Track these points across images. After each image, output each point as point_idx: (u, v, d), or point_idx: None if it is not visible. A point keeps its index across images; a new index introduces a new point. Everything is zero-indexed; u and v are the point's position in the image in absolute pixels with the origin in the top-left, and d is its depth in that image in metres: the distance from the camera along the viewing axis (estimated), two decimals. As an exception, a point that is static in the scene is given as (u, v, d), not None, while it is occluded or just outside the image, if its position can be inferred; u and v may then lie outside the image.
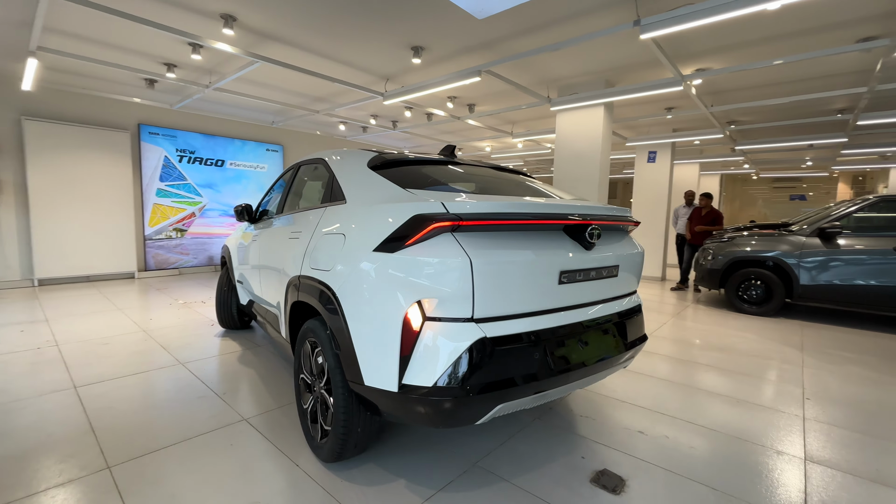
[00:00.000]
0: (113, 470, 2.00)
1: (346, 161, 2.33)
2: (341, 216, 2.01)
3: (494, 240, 1.62)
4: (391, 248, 1.61)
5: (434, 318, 1.53)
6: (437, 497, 1.85)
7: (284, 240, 2.57)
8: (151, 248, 7.65)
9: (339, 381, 1.81)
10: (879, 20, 3.78)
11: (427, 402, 1.51)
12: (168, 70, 5.41)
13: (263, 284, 3.00)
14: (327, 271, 1.90)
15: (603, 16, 3.81)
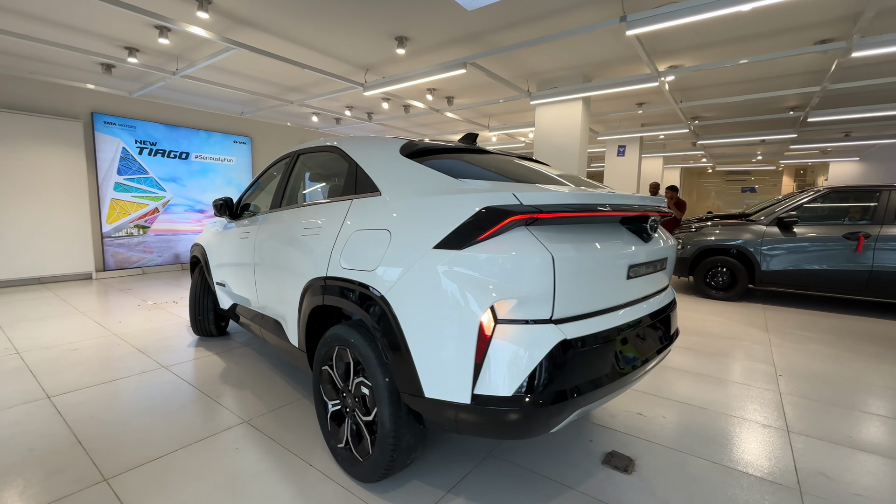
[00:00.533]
0: (111, 482, 1.88)
1: (372, 148, 2.10)
2: (379, 210, 1.79)
3: (567, 234, 1.50)
4: (457, 244, 1.45)
5: (509, 320, 1.39)
6: (458, 487, 1.87)
7: (294, 237, 2.30)
8: (110, 246, 7.15)
9: (385, 394, 1.63)
10: (836, 24, 4.09)
11: (504, 413, 1.39)
12: (130, 55, 5.03)
13: (260, 287, 2.68)
14: (369, 272, 1.70)
15: (589, 11, 3.89)
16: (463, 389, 1.42)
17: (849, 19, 3.95)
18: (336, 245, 1.92)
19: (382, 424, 1.65)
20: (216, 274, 3.43)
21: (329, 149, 2.40)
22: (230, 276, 3.15)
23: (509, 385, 1.37)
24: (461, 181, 1.66)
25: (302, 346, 2.20)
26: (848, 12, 3.82)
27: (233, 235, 3.11)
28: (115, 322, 4.39)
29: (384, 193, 1.82)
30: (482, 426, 1.45)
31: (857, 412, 2.64)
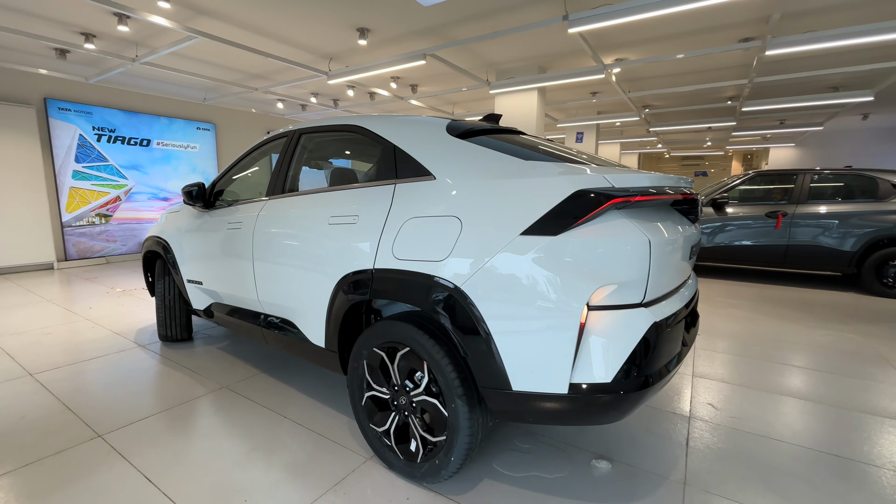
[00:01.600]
0: (106, 437, 2.12)
1: (412, 128, 1.92)
2: (439, 195, 1.64)
3: (648, 217, 1.48)
4: (551, 230, 1.37)
5: (605, 306, 1.36)
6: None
7: (317, 227, 2.06)
8: (71, 235, 7.04)
9: (459, 391, 1.54)
10: (755, 24, 4.58)
11: (601, 399, 1.37)
12: (86, 41, 4.98)
13: (263, 284, 2.39)
14: (436, 262, 1.57)
15: (537, 8, 4.21)
16: (559, 380, 1.39)
17: (762, 21, 4.44)
18: (384, 235, 1.75)
19: (456, 421, 1.57)
20: (187, 271, 3.05)
21: (348, 128, 2.16)
22: (210, 272, 2.82)
23: (608, 371, 1.36)
24: (530, 163, 1.54)
25: (332, 345, 2.01)
26: (761, 15, 4.30)
27: (212, 226, 2.78)
28: (86, 308, 4.48)
29: (440, 177, 1.68)
30: (574, 414, 1.43)
31: (755, 360, 3.16)
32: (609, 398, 1.37)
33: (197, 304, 3.08)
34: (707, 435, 2.17)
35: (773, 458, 1.97)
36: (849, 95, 6.59)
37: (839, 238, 5.33)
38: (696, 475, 1.85)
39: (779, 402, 2.53)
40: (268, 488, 1.75)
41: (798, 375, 2.89)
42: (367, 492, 1.74)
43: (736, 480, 1.82)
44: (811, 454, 2.01)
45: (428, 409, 1.70)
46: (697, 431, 2.21)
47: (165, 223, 3.33)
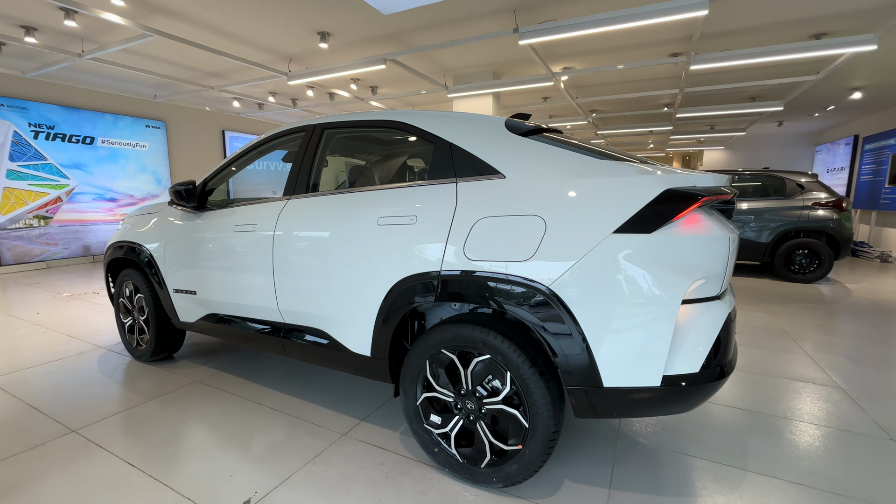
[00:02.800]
0: (80, 432, 2.17)
1: (470, 126, 1.86)
2: (515, 194, 1.61)
3: (713, 214, 1.54)
4: (645, 228, 1.41)
5: (693, 299, 1.44)
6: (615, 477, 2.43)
7: (363, 228, 1.92)
8: (6, 239, 6.59)
9: (534, 378, 1.54)
10: (681, 42, 5.14)
11: (689, 389, 1.43)
12: (27, 34, 4.75)
13: (288, 291, 2.19)
14: (520, 262, 1.55)
15: (490, 21, 4.52)
16: (653, 373, 1.42)
17: (687, 39, 5.01)
18: (452, 235, 1.69)
19: (540, 422, 1.56)
20: (175, 280, 2.72)
21: (388, 124, 2.06)
22: (207, 280, 2.56)
23: (697, 361, 1.43)
24: (607, 163, 1.57)
25: (381, 353, 1.91)
26: (684, 34, 4.86)
27: (209, 229, 2.53)
28: (33, 314, 4.30)
29: (510, 176, 1.65)
30: (660, 405, 1.48)
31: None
32: (696, 388, 1.43)
33: (186, 317, 2.75)
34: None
35: (696, 417, 2.38)
36: (763, 105, 7.46)
37: (756, 231, 6.07)
38: (631, 434, 2.21)
39: (697, 369, 2.97)
40: (251, 464, 1.91)
41: (714, 348, 3.37)
42: (348, 459, 1.94)
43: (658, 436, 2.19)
44: (724, 409, 2.43)
45: (501, 418, 1.68)
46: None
47: (139, 226, 2.98)
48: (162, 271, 2.79)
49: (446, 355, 1.74)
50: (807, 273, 5.89)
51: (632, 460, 1.95)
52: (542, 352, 1.62)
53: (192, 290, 2.66)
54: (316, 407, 2.43)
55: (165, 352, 3.04)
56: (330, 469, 1.87)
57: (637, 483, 1.79)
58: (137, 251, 2.92)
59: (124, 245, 3.02)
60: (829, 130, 11.54)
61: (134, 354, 3.11)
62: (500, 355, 1.59)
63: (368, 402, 2.50)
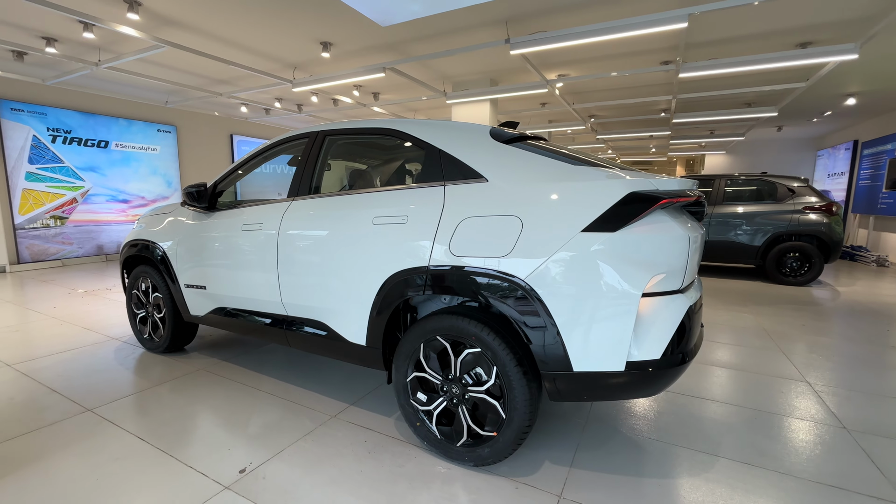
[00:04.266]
0: (96, 411, 2.39)
1: (457, 134, 2.04)
2: (495, 196, 1.78)
3: (678, 216, 1.68)
4: (609, 227, 1.56)
5: (654, 293, 1.58)
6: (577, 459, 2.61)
7: (360, 227, 2.09)
8: (25, 238, 6.90)
9: (517, 376, 1.69)
10: (671, 50, 5.30)
11: (651, 374, 1.59)
12: (48, 45, 5.04)
13: (290, 285, 2.37)
14: (499, 258, 1.70)
15: (482, 32, 4.73)
16: (618, 358, 1.57)
17: (675, 48, 5.17)
18: (439, 233, 1.85)
19: (516, 404, 1.70)
20: (187, 276, 2.91)
21: (384, 132, 2.23)
22: (216, 276, 2.74)
23: (658, 349, 1.58)
24: (579, 168, 1.72)
25: (375, 342, 2.09)
26: (672, 44, 5.02)
27: (219, 228, 2.71)
28: (50, 308, 4.56)
29: (492, 180, 1.82)
30: (626, 389, 1.64)
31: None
32: (658, 373, 1.59)
33: (196, 311, 2.93)
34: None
35: (677, 407, 2.53)
36: (758, 111, 7.57)
37: (749, 235, 6.18)
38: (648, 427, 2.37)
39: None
40: (248, 440, 2.11)
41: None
42: (335, 437, 2.14)
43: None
44: (692, 399, 2.59)
45: (482, 405, 1.83)
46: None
47: (154, 225, 3.17)
48: (174, 268, 2.98)
49: (440, 342, 1.89)
50: (798, 276, 5.99)
51: (597, 444, 2.12)
52: (527, 349, 1.75)
53: (202, 286, 2.84)
54: (310, 393, 2.63)
55: (179, 346, 3.25)
56: (318, 445, 2.06)
57: (596, 462, 1.96)
58: (152, 249, 3.11)
59: (139, 243, 3.22)
60: (829, 135, 11.58)
61: (146, 346, 3.32)
62: (490, 351, 1.73)
63: (359, 389, 2.69)
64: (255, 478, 1.82)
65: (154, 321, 3.24)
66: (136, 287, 3.32)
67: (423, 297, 2.10)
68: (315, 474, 1.85)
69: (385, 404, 2.50)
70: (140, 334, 3.35)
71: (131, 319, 3.40)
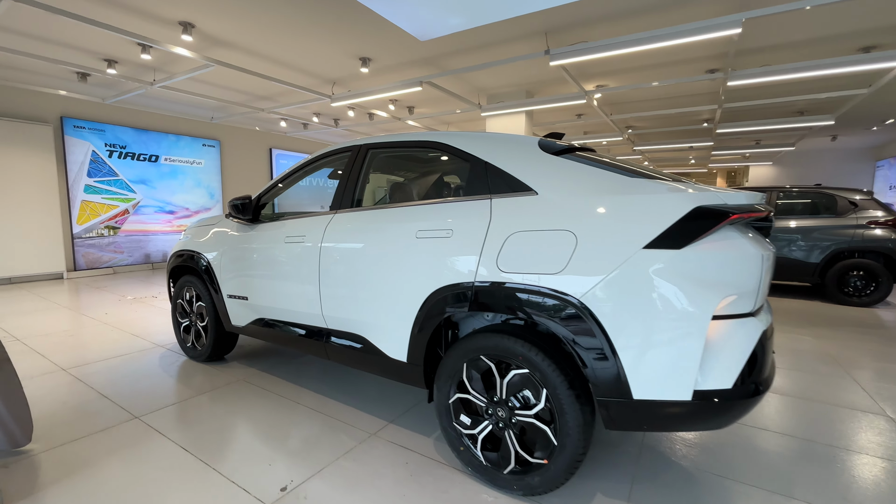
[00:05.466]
0: (142, 418, 2.44)
1: (504, 146, 1.96)
2: (546, 210, 1.69)
3: (747, 232, 1.54)
4: (674, 243, 1.44)
5: (725, 315, 1.45)
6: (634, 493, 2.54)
7: (402, 240, 2.04)
8: (81, 246, 7.34)
9: (570, 400, 1.57)
10: (718, 58, 5.09)
11: (721, 404, 1.43)
12: (109, 66, 5.40)
13: (331, 298, 2.34)
14: (552, 275, 1.60)
15: (521, 44, 4.69)
16: (683, 387, 1.43)
17: (723, 56, 4.96)
18: (486, 248, 1.78)
19: (569, 431, 1.58)
20: (229, 286, 2.94)
21: (428, 145, 2.19)
22: (258, 287, 2.76)
23: (729, 378, 1.43)
24: (637, 180, 1.61)
25: (416, 359, 2.01)
26: (722, 51, 4.82)
27: (262, 240, 2.73)
28: (102, 314, 4.78)
29: (543, 193, 1.73)
30: (692, 420, 1.48)
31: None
32: (728, 404, 1.43)
33: (237, 321, 2.95)
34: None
35: (740, 438, 2.33)
36: (812, 119, 7.15)
37: (805, 251, 5.77)
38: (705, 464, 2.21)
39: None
40: (288, 455, 2.08)
41: (751, 369, 3.25)
42: (375, 457, 2.07)
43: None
44: (759, 432, 2.38)
45: (530, 430, 1.71)
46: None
47: (200, 236, 3.23)
48: (218, 278, 3.02)
49: (485, 362, 1.80)
50: (862, 296, 5.52)
51: (653, 476, 1.96)
52: (579, 371, 1.64)
53: (244, 296, 2.86)
54: (349, 408, 2.59)
55: (220, 355, 3.31)
56: (359, 465, 2.01)
57: (655, 498, 1.80)
58: (196, 259, 3.18)
59: (184, 253, 3.31)
60: (890, 144, 10.80)
61: (188, 354, 3.39)
62: (539, 372, 1.63)
63: (397, 406, 2.63)
64: (296, 497, 1.78)
65: (197, 330, 3.31)
66: (181, 296, 3.40)
67: (466, 314, 2.02)
68: (355, 496, 1.78)
69: (424, 423, 2.42)
70: (183, 343, 3.43)
71: (175, 328, 3.49)
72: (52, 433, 2.26)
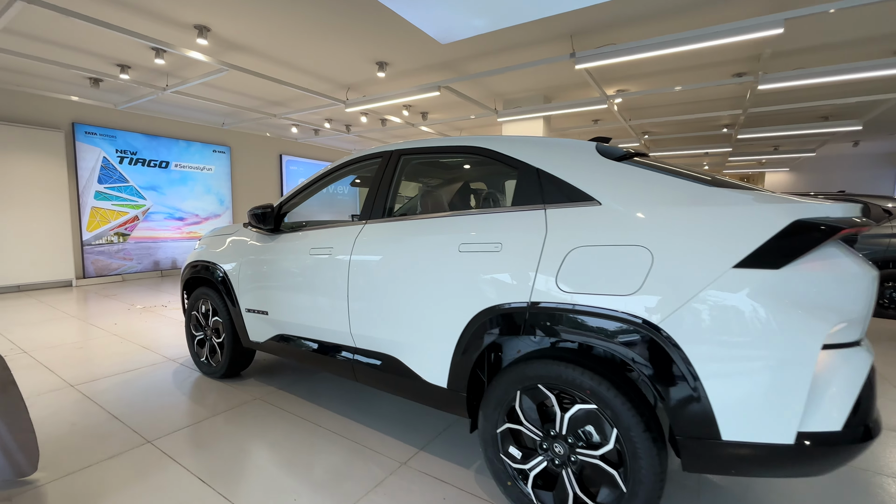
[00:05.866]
0: (155, 443, 2.27)
1: (558, 151, 1.78)
2: (613, 222, 1.50)
3: (847, 249, 1.35)
4: (768, 263, 1.27)
5: (833, 345, 1.27)
6: (443, 435, 2.36)
7: (443, 254, 1.88)
8: (90, 253, 7.24)
9: (646, 444, 1.40)
10: (748, 61, 4.92)
11: (826, 450, 1.25)
12: (122, 71, 5.31)
13: (361, 316, 2.17)
14: (624, 296, 1.43)
15: (545, 46, 4.55)
16: (786, 428, 1.26)
17: (754, 58, 4.78)
18: (542, 264, 1.60)
19: (640, 482, 1.41)
20: (248, 299, 2.79)
21: (470, 150, 2.02)
22: (280, 301, 2.59)
23: (839, 417, 1.25)
24: (718, 190, 1.43)
25: (458, 385, 1.84)
26: (752, 54, 4.64)
27: (285, 251, 2.58)
28: (111, 324, 4.64)
29: (607, 203, 1.55)
30: (792, 465, 1.29)
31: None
32: (837, 448, 1.24)
33: (256, 336, 2.79)
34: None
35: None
36: (839, 125, 6.94)
37: (835, 260, 5.54)
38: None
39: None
40: (314, 487, 1.90)
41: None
42: (410, 491, 1.89)
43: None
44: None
45: (593, 471, 1.54)
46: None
47: (216, 246, 3.08)
48: (235, 291, 2.87)
49: (543, 392, 1.62)
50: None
51: (720, 516, 1.76)
52: (651, 407, 1.48)
53: (264, 310, 2.70)
54: (373, 432, 2.41)
55: (236, 371, 3.14)
56: (392, 501, 1.83)
57: (730, 544, 1.60)
58: (212, 270, 3.03)
59: (199, 264, 3.16)
60: (913, 151, 10.55)
61: (202, 369, 3.22)
62: (610, 410, 1.45)
63: (425, 429, 2.45)
64: (328, 541, 1.60)
65: (212, 345, 3.15)
66: (195, 309, 3.24)
67: (518, 338, 1.82)
68: (394, 541, 1.60)
69: (458, 451, 2.24)
70: (197, 357, 3.27)
71: (189, 342, 3.33)
72: (60, 460, 2.10)
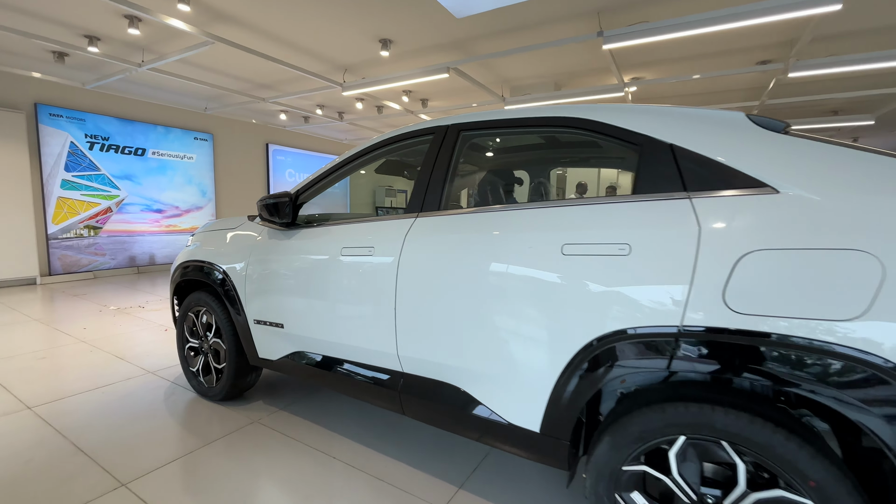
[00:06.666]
0: (131, 486, 1.83)
1: (699, 123, 1.37)
2: (808, 217, 1.11)
3: None
4: None
5: None
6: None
7: (538, 258, 1.45)
8: (57, 248, 6.59)
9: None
10: (775, 48, 4.64)
11: None
12: (90, 44, 4.71)
13: (411, 331, 1.75)
14: (841, 321, 1.04)
15: (568, 25, 4.17)
16: None
17: (786, 44, 4.51)
18: (699, 274, 1.20)
19: None
20: (257, 308, 2.32)
21: (566, 122, 1.58)
22: (301, 312, 2.14)
23: None
24: None
25: (559, 432, 1.43)
26: (785, 38, 4.36)
27: (309, 250, 2.12)
28: (80, 329, 4.11)
29: (786, 189, 1.16)
30: None
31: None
32: None
33: (266, 353, 2.33)
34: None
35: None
36: (850, 119, 6.79)
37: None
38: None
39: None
40: (340, 550, 1.51)
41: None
42: (457, 552, 1.51)
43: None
44: None
45: None
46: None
47: (213, 243, 2.58)
48: (241, 298, 2.36)
49: (726, 453, 1.17)
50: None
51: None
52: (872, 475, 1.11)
53: (279, 323, 2.23)
54: (397, 464, 2.02)
55: (239, 393, 2.65)
56: (441, 566, 1.45)
57: None
58: (209, 272, 2.50)
59: (191, 265, 2.61)
60: (907, 148, 10.60)
61: (197, 390, 2.71)
62: (777, 457, 1.06)
63: (459, 459, 2.07)
64: None
65: (206, 362, 2.63)
66: (188, 320, 2.71)
67: (655, 374, 1.36)
68: None
69: (504, 487, 1.87)
70: (194, 377, 2.72)
71: (181, 356, 2.79)
72: (7, 516, 1.65)
